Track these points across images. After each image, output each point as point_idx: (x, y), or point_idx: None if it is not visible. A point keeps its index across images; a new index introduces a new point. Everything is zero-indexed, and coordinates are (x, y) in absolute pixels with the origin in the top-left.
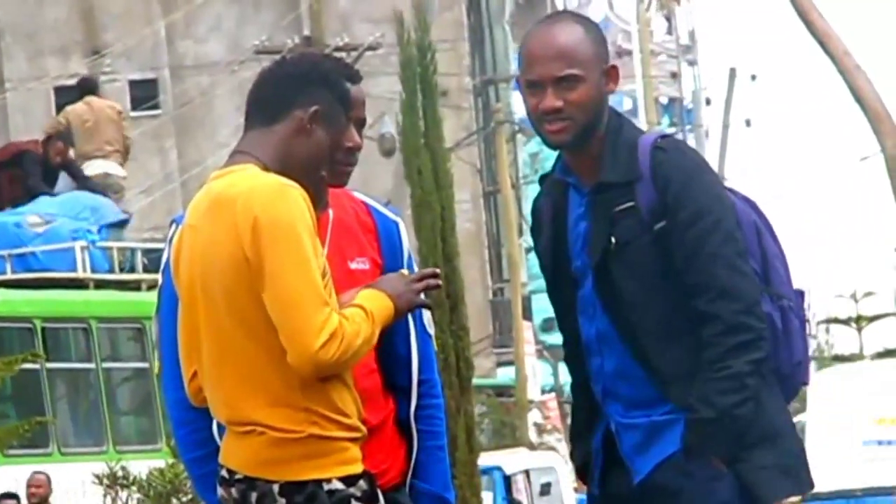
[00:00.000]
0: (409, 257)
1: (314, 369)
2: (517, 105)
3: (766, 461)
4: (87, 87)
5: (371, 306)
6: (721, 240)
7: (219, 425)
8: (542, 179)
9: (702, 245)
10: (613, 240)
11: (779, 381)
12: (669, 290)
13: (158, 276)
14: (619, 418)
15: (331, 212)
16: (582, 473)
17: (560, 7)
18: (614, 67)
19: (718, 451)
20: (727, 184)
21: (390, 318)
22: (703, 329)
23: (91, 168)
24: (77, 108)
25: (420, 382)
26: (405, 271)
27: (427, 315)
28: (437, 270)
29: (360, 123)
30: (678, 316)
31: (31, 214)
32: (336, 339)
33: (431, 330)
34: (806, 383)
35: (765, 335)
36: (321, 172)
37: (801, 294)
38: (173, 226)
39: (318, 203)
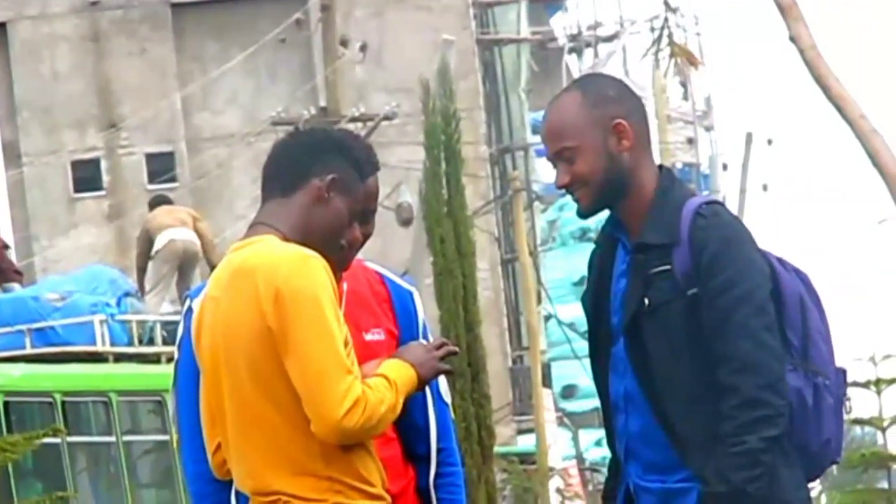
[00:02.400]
0: (425, 326)
1: (338, 437)
2: (535, 172)
3: None
4: (159, 202)
5: (394, 375)
6: (750, 311)
7: (238, 496)
8: (600, 232)
9: (730, 315)
10: (647, 301)
11: (806, 458)
12: (697, 357)
13: (175, 350)
14: (636, 479)
15: (345, 284)
16: None
17: (575, 74)
18: (619, 123)
19: None
20: (779, 254)
21: (414, 387)
22: (723, 401)
23: (169, 235)
24: (154, 211)
25: (438, 451)
26: (424, 341)
27: (444, 384)
28: (453, 343)
29: (372, 213)
30: (704, 383)
31: (49, 290)
32: (359, 407)
33: (448, 398)
34: (836, 462)
35: (783, 412)
36: (341, 241)
37: (842, 373)
38: (188, 300)
39: (339, 272)
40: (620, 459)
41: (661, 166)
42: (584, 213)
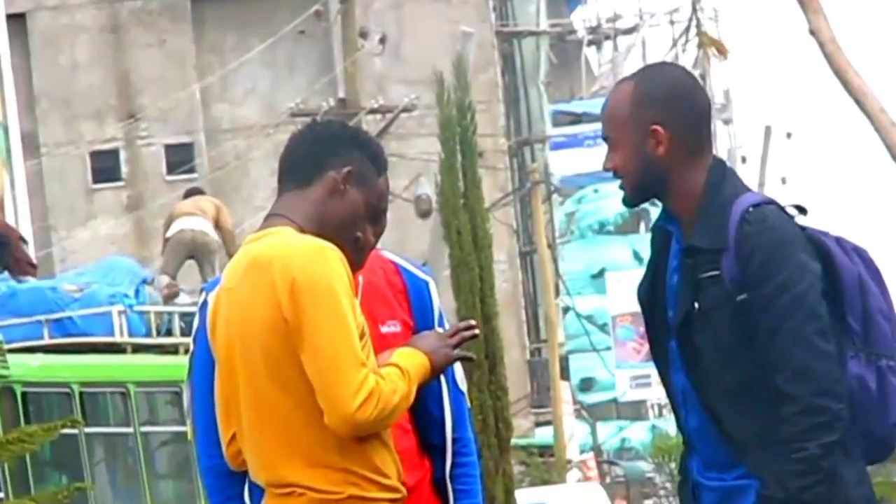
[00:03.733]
0: (441, 316)
1: (352, 429)
2: (553, 165)
3: None
4: (191, 193)
5: (406, 364)
6: (802, 317)
7: (251, 490)
8: (655, 224)
9: (781, 322)
10: (697, 305)
11: (871, 444)
12: (746, 361)
13: (191, 343)
14: (697, 476)
15: (360, 276)
16: None
17: (594, 66)
18: (655, 129)
19: None
20: (835, 233)
21: (427, 375)
22: (781, 407)
23: (180, 224)
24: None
25: (453, 441)
26: (440, 329)
27: (459, 373)
28: (473, 322)
29: (383, 212)
30: (753, 385)
31: (67, 281)
32: (373, 399)
33: (464, 387)
34: None
35: (842, 415)
36: (356, 233)
37: None
38: (203, 293)
39: (356, 263)
40: (685, 452)
41: (714, 158)
42: (626, 203)
